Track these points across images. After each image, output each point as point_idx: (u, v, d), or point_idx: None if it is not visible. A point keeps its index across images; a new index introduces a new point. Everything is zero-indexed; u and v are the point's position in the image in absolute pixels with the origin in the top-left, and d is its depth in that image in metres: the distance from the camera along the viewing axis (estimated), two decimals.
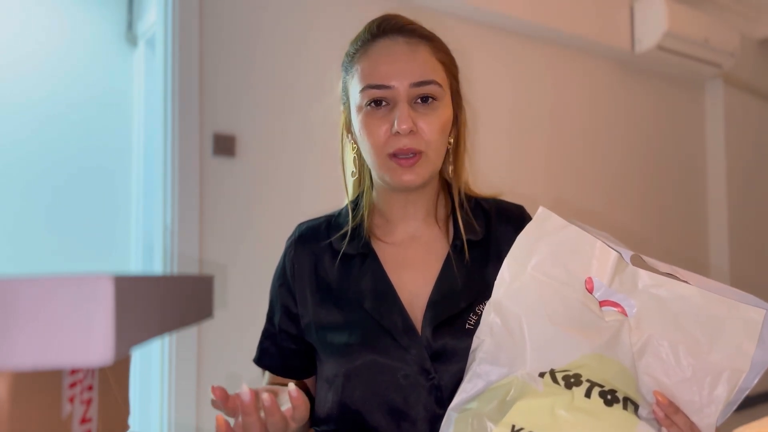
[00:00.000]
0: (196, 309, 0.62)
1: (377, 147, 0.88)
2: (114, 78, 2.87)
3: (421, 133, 0.87)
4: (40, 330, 0.35)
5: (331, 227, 0.99)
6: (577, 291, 0.75)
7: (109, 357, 0.35)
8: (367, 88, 0.88)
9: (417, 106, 0.88)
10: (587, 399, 0.69)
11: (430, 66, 0.89)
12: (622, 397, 0.70)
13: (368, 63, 0.89)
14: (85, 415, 0.49)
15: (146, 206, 2.79)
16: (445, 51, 0.93)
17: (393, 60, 0.88)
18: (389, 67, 0.88)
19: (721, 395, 0.70)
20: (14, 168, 2.66)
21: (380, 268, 0.93)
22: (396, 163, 0.88)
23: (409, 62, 0.88)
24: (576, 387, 0.70)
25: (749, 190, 4.15)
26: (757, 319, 0.71)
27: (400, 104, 0.87)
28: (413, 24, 0.93)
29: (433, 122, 0.88)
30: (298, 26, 2.40)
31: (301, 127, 2.36)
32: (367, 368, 0.86)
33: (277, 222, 2.26)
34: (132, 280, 0.40)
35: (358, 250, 0.94)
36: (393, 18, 0.92)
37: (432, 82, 0.88)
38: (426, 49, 0.90)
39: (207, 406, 2.14)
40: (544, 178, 3.18)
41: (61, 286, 0.35)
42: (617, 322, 0.73)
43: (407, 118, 0.86)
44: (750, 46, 4.12)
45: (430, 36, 0.93)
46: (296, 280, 0.96)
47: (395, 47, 0.89)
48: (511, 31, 3.06)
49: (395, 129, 0.86)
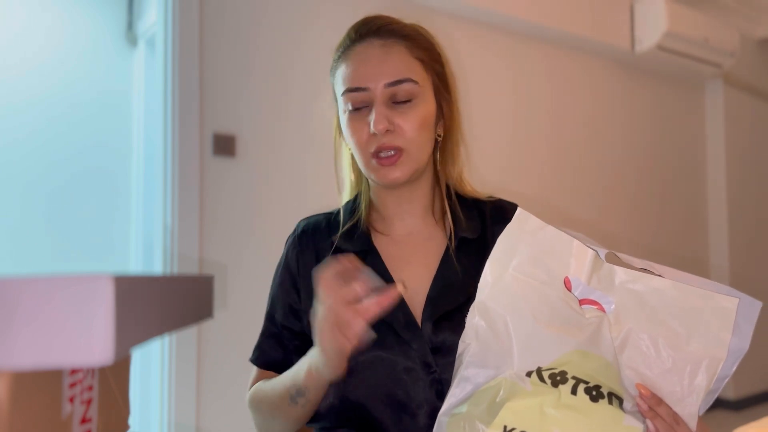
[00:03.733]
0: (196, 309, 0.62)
1: (360, 148, 0.92)
2: (114, 78, 2.87)
3: (399, 131, 0.90)
4: (40, 330, 0.35)
5: (332, 225, 1.01)
6: (557, 290, 0.76)
7: (109, 357, 0.35)
8: (346, 91, 0.92)
9: (395, 105, 0.91)
10: (574, 396, 0.70)
11: (404, 65, 0.92)
12: (606, 392, 0.71)
13: (346, 67, 0.93)
14: (85, 415, 0.49)
15: (146, 206, 2.79)
16: (424, 47, 0.95)
17: (367, 63, 0.92)
18: (364, 70, 0.91)
19: (701, 384, 0.72)
20: (14, 168, 2.66)
21: (381, 264, 0.95)
22: (378, 162, 0.91)
23: (383, 63, 0.91)
24: (562, 385, 0.71)
25: (749, 189, 4.15)
26: (731, 308, 0.73)
27: (376, 105, 0.90)
28: (391, 24, 0.95)
29: (411, 119, 0.91)
30: (298, 26, 2.40)
31: (301, 127, 2.36)
32: (370, 362, 0.88)
33: (277, 222, 2.26)
34: (132, 280, 0.40)
35: (360, 247, 0.96)
36: (371, 20, 0.95)
37: (406, 80, 0.91)
38: (401, 48, 0.92)
39: (207, 406, 2.14)
40: (543, 178, 3.18)
41: (62, 286, 0.35)
42: (597, 318, 0.75)
43: (382, 119, 0.89)
44: (750, 46, 4.12)
45: (408, 34, 0.94)
46: (301, 274, 0.98)
47: (370, 50, 0.92)
48: (511, 30, 3.06)
49: (372, 130, 0.90)
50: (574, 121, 3.33)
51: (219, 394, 2.15)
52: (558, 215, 3.10)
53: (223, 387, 2.16)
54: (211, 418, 2.14)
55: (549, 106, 3.22)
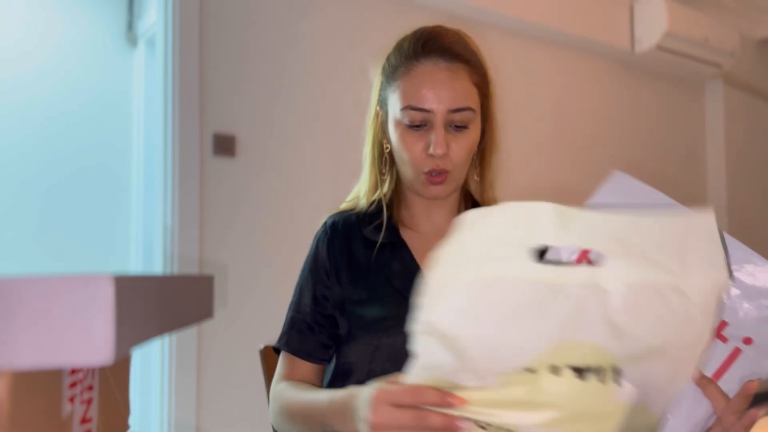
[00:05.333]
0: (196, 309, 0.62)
1: (413, 163, 0.97)
2: (114, 78, 2.87)
3: (452, 155, 0.96)
4: (40, 330, 0.35)
5: (361, 218, 1.06)
6: (522, 266, 0.63)
7: (109, 357, 0.35)
8: (408, 108, 0.96)
9: (451, 129, 0.96)
10: (556, 377, 0.62)
11: (466, 92, 0.97)
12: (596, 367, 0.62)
13: (410, 84, 0.96)
14: (85, 415, 0.49)
15: (146, 206, 2.79)
16: (480, 73, 1.00)
17: (434, 85, 0.95)
18: (430, 92, 0.95)
19: None
20: (14, 168, 2.66)
21: (409, 254, 1.02)
22: (427, 179, 0.97)
23: (449, 89, 0.95)
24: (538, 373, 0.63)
25: (749, 189, 4.15)
26: (711, 222, 0.64)
27: (436, 128, 0.95)
28: (457, 44, 0.98)
29: (463, 146, 0.97)
30: (299, 26, 2.40)
31: (301, 127, 2.36)
32: (400, 342, 0.90)
33: (277, 222, 2.26)
34: (132, 280, 0.40)
35: (389, 239, 1.03)
36: (438, 37, 0.98)
37: (467, 109, 0.96)
38: (464, 74, 0.97)
39: (207, 406, 2.14)
40: (541, 177, 3.18)
41: (62, 286, 0.35)
42: (581, 288, 0.62)
43: (442, 143, 0.95)
44: (750, 46, 4.12)
45: (469, 58, 0.99)
46: (331, 261, 1.03)
47: (438, 73, 0.96)
48: (510, 30, 3.06)
49: (431, 151, 0.95)
50: (573, 121, 3.33)
51: (219, 394, 2.15)
52: None
53: (223, 387, 2.17)
54: (211, 418, 2.14)
55: (548, 106, 3.22)
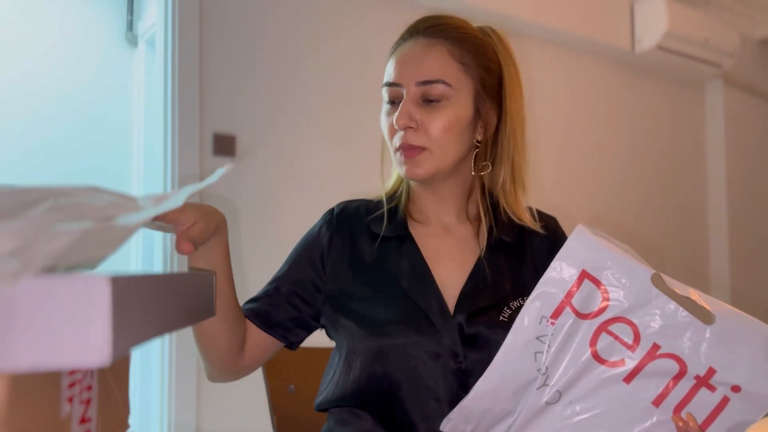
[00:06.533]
0: (196, 309, 0.62)
1: (389, 140, 0.96)
2: (114, 78, 2.87)
3: (423, 130, 0.92)
4: (38, 331, 0.35)
5: (370, 210, 1.03)
6: None
7: (107, 358, 0.35)
8: (384, 85, 0.96)
9: (425, 104, 0.92)
10: None
11: (440, 65, 0.93)
12: None
13: (390, 63, 0.97)
14: (85, 415, 0.49)
15: None
16: (473, 52, 0.95)
17: (406, 60, 0.94)
18: (401, 67, 0.94)
19: None
20: (13, 168, 2.66)
21: (418, 252, 0.97)
22: (401, 155, 0.94)
23: (419, 62, 0.93)
24: None
25: (749, 189, 4.14)
26: None
27: (403, 101, 0.93)
28: (442, 24, 0.96)
29: (437, 120, 0.91)
30: (299, 26, 2.40)
31: (301, 127, 2.36)
32: (402, 345, 0.90)
33: (277, 222, 2.26)
34: (131, 279, 0.40)
35: (397, 232, 0.98)
36: (425, 19, 0.97)
37: (438, 81, 0.92)
38: (441, 49, 0.94)
39: (207, 406, 2.14)
40: (541, 177, 3.18)
41: (59, 286, 0.35)
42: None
43: (402, 115, 0.91)
44: (750, 46, 4.12)
45: (456, 36, 0.95)
46: (331, 250, 0.99)
47: (413, 48, 0.94)
48: (510, 30, 3.04)
49: (393, 122, 0.93)
50: (572, 121, 3.33)
51: (219, 394, 2.15)
52: (555, 215, 3.09)
53: (223, 387, 2.16)
54: (211, 418, 2.14)
55: (547, 106, 3.22)
